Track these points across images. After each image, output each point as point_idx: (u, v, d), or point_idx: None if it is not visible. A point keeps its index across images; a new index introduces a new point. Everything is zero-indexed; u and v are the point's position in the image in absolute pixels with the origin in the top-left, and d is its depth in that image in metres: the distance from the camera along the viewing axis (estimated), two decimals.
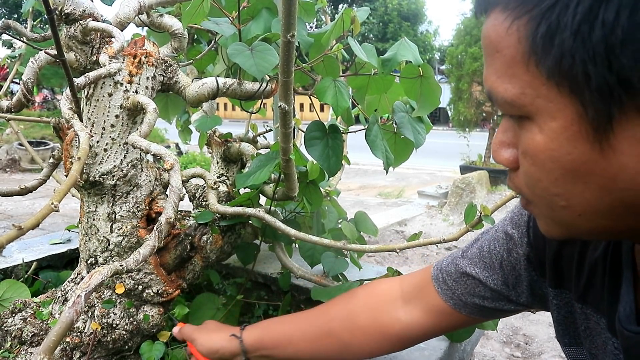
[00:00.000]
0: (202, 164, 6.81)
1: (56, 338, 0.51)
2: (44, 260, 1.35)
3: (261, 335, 0.82)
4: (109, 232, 0.92)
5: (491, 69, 0.42)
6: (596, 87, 0.35)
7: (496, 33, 0.41)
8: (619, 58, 0.33)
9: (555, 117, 0.38)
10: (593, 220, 0.42)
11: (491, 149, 0.48)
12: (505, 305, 0.67)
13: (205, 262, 1.04)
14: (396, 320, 0.74)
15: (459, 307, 0.69)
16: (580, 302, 0.56)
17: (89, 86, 0.87)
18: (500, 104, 0.42)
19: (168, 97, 1.37)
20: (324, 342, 0.77)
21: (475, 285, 0.67)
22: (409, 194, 6.53)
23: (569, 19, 0.35)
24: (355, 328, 0.76)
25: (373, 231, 1.26)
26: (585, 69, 0.35)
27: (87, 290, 0.56)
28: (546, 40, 0.36)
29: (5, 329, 0.90)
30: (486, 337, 2.47)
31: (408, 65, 1.05)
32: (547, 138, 0.39)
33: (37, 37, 0.97)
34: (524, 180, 0.44)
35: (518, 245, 0.64)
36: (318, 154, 1.00)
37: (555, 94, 0.38)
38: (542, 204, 0.45)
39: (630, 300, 0.47)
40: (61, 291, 0.96)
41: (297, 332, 0.80)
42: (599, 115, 0.36)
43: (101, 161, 0.89)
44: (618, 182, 0.38)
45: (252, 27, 1.01)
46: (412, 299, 0.74)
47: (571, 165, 0.39)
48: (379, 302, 0.77)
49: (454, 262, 0.70)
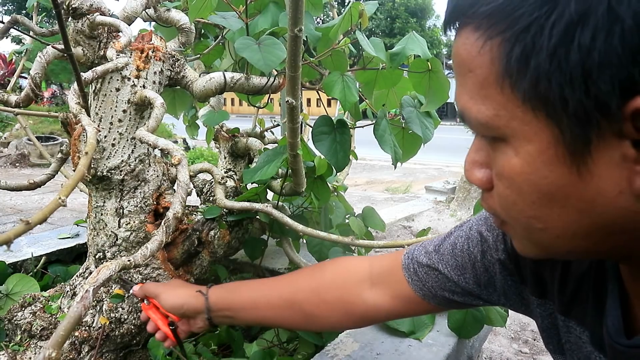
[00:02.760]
0: (210, 159, 6.83)
1: (65, 332, 0.51)
2: (53, 255, 1.36)
3: (227, 296, 0.83)
4: (116, 227, 0.92)
5: (463, 88, 0.41)
6: (573, 112, 0.34)
7: (467, 52, 0.39)
8: (596, 82, 0.32)
9: (531, 140, 0.37)
10: (571, 242, 0.41)
11: (464, 167, 0.47)
12: (474, 301, 0.67)
13: (213, 257, 1.05)
14: (362, 300, 0.75)
15: (428, 298, 0.69)
16: (563, 315, 0.55)
17: (97, 81, 0.87)
18: (473, 125, 0.41)
19: (175, 92, 1.37)
20: (288, 312, 0.79)
21: (446, 280, 0.67)
22: (417, 189, 6.51)
23: (544, 41, 0.33)
24: (320, 302, 0.77)
25: (381, 226, 1.26)
26: (562, 93, 0.34)
27: (95, 285, 0.56)
28: (521, 63, 0.35)
29: (15, 323, 0.90)
30: (494, 333, 2.46)
31: (416, 60, 1.04)
32: (523, 161, 0.38)
33: (45, 32, 0.97)
34: (498, 202, 0.43)
35: (492, 249, 0.62)
36: (326, 149, 0.99)
37: (531, 117, 0.36)
38: (518, 225, 0.43)
39: (617, 315, 0.46)
40: (70, 285, 0.97)
41: (262, 298, 0.81)
42: (576, 140, 0.35)
43: (109, 156, 0.89)
44: (596, 205, 0.37)
45: (259, 21, 1.00)
46: (379, 283, 0.74)
47: (548, 188, 0.38)
48: (347, 281, 0.78)
49: (427, 255, 0.69)
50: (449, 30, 0.43)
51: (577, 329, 0.53)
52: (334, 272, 0.80)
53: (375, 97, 1.15)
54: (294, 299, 0.79)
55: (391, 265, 0.74)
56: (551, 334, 0.59)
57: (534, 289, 0.59)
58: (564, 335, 0.55)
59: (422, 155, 1.67)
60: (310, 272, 0.83)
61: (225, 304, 0.82)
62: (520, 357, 2.29)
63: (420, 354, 0.90)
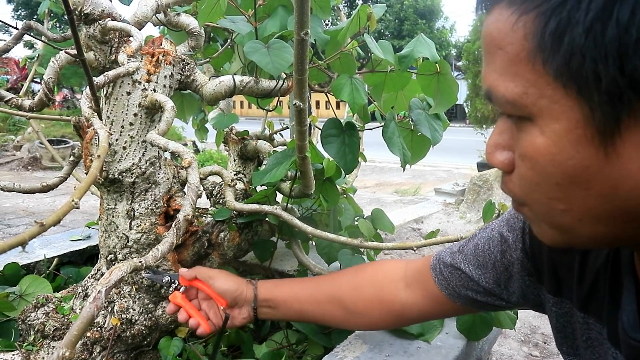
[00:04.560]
0: (219, 161, 6.86)
1: (78, 332, 0.52)
2: (65, 257, 1.38)
3: (272, 288, 0.88)
4: (128, 229, 0.94)
5: (491, 66, 0.41)
6: (606, 89, 0.33)
7: (499, 29, 0.39)
8: (631, 59, 0.32)
9: (559, 119, 0.37)
10: (593, 226, 0.40)
11: (485, 150, 0.46)
12: (496, 301, 0.69)
13: (223, 259, 1.05)
14: (397, 298, 0.79)
15: (453, 297, 0.72)
16: (582, 312, 0.55)
17: (108, 85, 0.88)
18: (500, 103, 0.41)
19: (184, 96, 1.38)
20: (328, 307, 0.83)
21: (468, 279, 0.69)
22: (426, 191, 6.49)
23: (581, 15, 0.33)
24: (359, 299, 0.82)
25: (390, 228, 1.26)
26: (596, 69, 0.33)
27: (108, 286, 0.57)
28: (555, 37, 0.35)
29: (28, 323, 0.91)
30: (504, 336, 2.45)
31: (425, 62, 1.04)
32: (549, 141, 0.38)
33: (58, 38, 0.99)
34: (519, 184, 0.43)
35: (512, 249, 0.64)
36: (335, 152, 1.00)
37: (561, 95, 0.36)
38: (540, 208, 0.43)
39: (632, 309, 0.46)
40: (82, 287, 0.98)
41: (305, 293, 0.86)
42: (606, 119, 0.35)
43: (120, 159, 0.90)
44: (620, 189, 0.37)
45: (268, 25, 1.01)
46: (413, 283, 0.78)
47: (573, 170, 0.38)
48: (384, 280, 0.82)
49: (451, 255, 0.73)
50: (480, 10, 0.42)
51: (597, 325, 0.53)
52: (373, 272, 0.85)
53: (384, 100, 1.15)
54: (334, 294, 0.84)
55: (422, 266, 0.78)
56: (566, 333, 0.59)
57: (550, 287, 0.59)
58: (584, 332, 0.55)
59: (432, 157, 1.67)
60: (353, 271, 0.88)
61: (270, 295, 0.86)
62: None
63: (429, 355, 0.90)
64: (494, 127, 0.46)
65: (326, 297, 0.84)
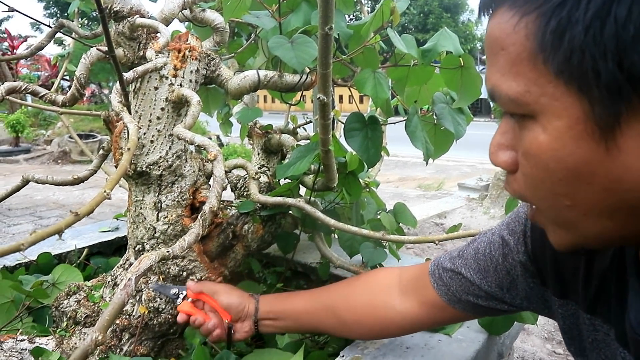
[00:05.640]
0: (243, 155, 6.92)
1: (109, 318, 0.54)
2: (95, 247, 1.42)
3: (272, 302, 0.90)
4: (155, 221, 0.96)
5: (495, 67, 0.42)
6: (605, 85, 0.35)
7: (502, 30, 0.40)
8: (630, 55, 0.33)
9: (561, 115, 0.38)
10: (599, 222, 0.41)
11: (488, 151, 0.47)
12: (499, 305, 0.68)
13: (247, 251, 1.07)
14: (391, 307, 0.78)
15: (453, 302, 0.71)
16: (589, 313, 0.55)
17: (137, 80, 0.91)
18: (503, 102, 0.42)
19: (209, 90, 1.40)
20: (323, 316, 0.84)
21: (470, 284, 0.68)
22: (449, 186, 6.44)
23: (580, 14, 0.34)
24: (351, 307, 0.82)
25: (412, 223, 1.26)
26: (595, 65, 0.35)
27: (137, 274, 0.59)
28: (556, 36, 0.36)
29: (61, 310, 0.95)
30: (527, 333, 2.43)
31: (448, 56, 1.04)
32: (551, 137, 0.39)
33: (88, 35, 1.02)
34: (524, 183, 0.44)
35: (514, 252, 0.63)
36: (357, 145, 1.01)
37: (562, 92, 0.37)
38: (546, 205, 0.44)
39: (639, 308, 0.46)
40: (111, 276, 1.01)
41: (302, 304, 0.87)
42: (606, 114, 0.36)
43: (148, 152, 0.92)
44: (622, 182, 0.37)
45: (292, 20, 1.02)
46: (408, 290, 0.77)
47: (574, 165, 0.38)
48: (377, 288, 0.81)
49: (451, 260, 0.71)
50: (483, 15, 0.44)
51: (604, 326, 0.53)
52: (367, 280, 0.85)
53: (407, 94, 1.16)
54: (328, 303, 0.84)
55: (419, 273, 0.77)
56: (573, 335, 0.59)
57: (555, 289, 0.59)
58: (590, 334, 0.55)
59: (455, 152, 1.66)
60: (348, 281, 0.88)
61: (270, 309, 0.88)
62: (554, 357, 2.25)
63: (450, 349, 0.90)
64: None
65: (321, 307, 0.84)
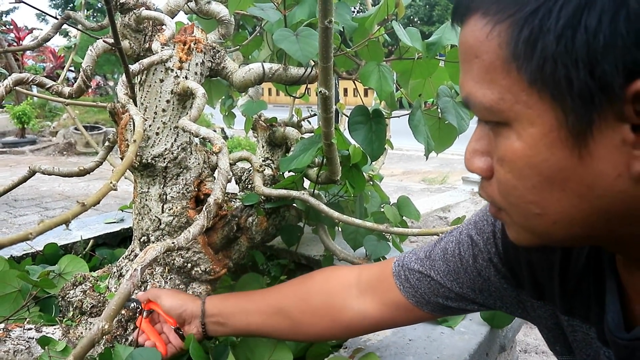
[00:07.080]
0: (247, 148, 6.92)
1: (116, 307, 0.55)
2: (100, 238, 1.44)
3: (220, 302, 0.85)
4: (160, 212, 0.97)
5: (469, 75, 0.42)
6: (578, 92, 0.35)
7: (475, 38, 0.40)
8: (600, 63, 0.33)
9: (535, 123, 0.38)
10: (567, 229, 0.41)
11: (464, 157, 0.47)
12: (469, 305, 0.67)
13: (251, 243, 1.08)
14: (349, 307, 0.74)
15: (421, 304, 0.68)
16: (566, 315, 0.54)
17: (142, 72, 0.91)
18: (477, 109, 0.42)
19: (211, 82, 1.40)
20: (274, 318, 0.79)
21: (439, 286, 0.66)
22: (453, 180, 6.42)
23: (552, 23, 0.35)
24: (306, 308, 0.78)
25: (416, 216, 1.26)
26: (568, 73, 0.35)
27: (143, 265, 0.60)
28: (528, 45, 0.36)
29: (67, 300, 0.96)
30: (530, 327, 2.43)
31: (453, 49, 1.04)
32: (526, 144, 0.39)
33: (94, 27, 1.02)
34: (498, 189, 0.44)
35: (484, 253, 0.62)
36: (361, 139, 1.01)
37: (535, 100, 0.37)
38: (516, 212, 0.44)
39: (616, 310, 0.46)
40: (116, 267, 1.02)
41: (251, 305, 0.82)
42: (579, 121, 0.36)
43: (153, 144, 0.93)
44: (595, 189, 0.38)
45: (296, 13, 1.02)
46: (368, 290, 0.74)
47: (548, 171, 0.39)
48: (334, 288, 0.78)
49: (418, 262, 0.69)
50: (456, 23, 0.44)
51: (583, 326, 0.53)
52: (322, 280, 0.81)
53: (412, 87, 1.15)
54: (280, 304, 0.80)
55: (380, 273, 0.74)
56: (557, 334, 0.58)
57: (532, 292, 0.58)
58: (570, 334, 0.55)
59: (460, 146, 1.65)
60: (300, 280, 0.84)
61: (217, 310, 0.83)
62: None
63: (452, 341, 0.91)
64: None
65: (272, 309, 0.80)
